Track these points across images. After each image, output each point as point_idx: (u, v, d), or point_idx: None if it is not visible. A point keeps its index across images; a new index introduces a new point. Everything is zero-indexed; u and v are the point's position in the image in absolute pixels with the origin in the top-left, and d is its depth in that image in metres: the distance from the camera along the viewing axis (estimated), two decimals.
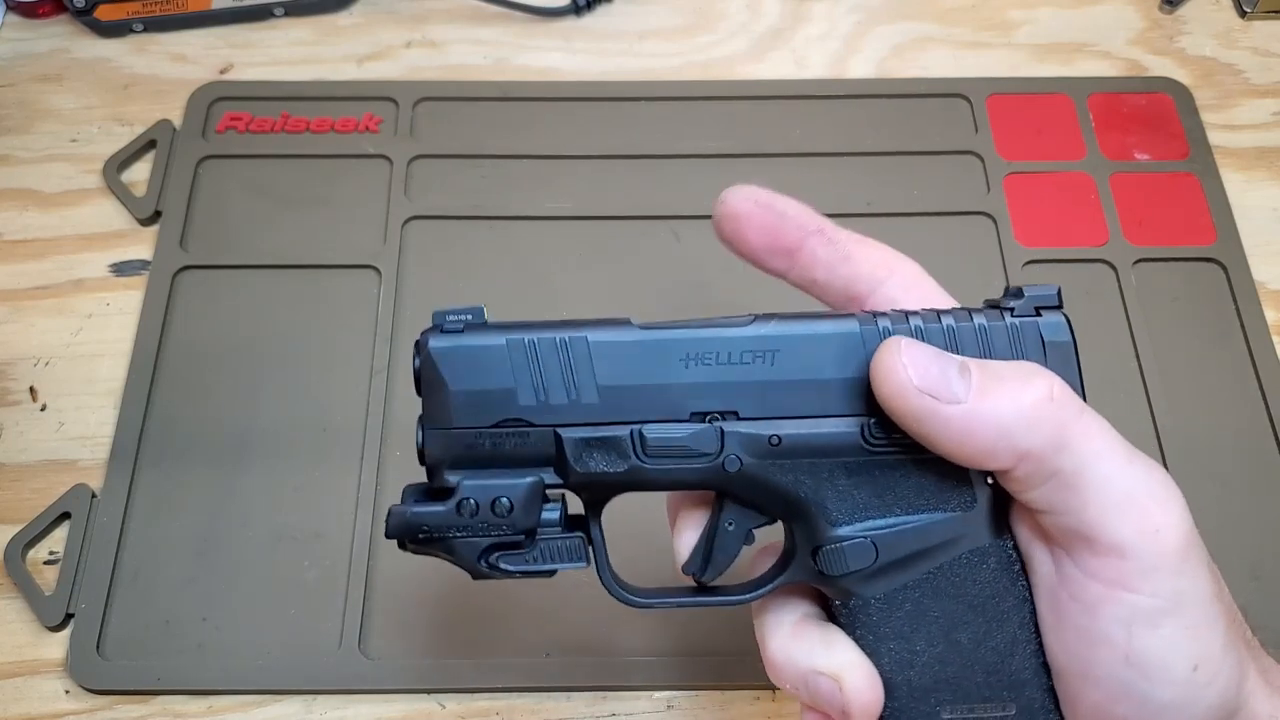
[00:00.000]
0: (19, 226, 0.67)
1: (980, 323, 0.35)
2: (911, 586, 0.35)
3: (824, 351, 0.35)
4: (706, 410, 0.35)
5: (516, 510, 0.35)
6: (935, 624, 0.35)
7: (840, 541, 0.35)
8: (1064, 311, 0.36)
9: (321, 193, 0.67)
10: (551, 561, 0.36)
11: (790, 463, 0.35)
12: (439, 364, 0.35)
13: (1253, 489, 0.57)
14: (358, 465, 0.57)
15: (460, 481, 0.35)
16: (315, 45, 0.74)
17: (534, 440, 0.35)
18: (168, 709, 0.52)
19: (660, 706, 0.52)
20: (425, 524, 0.35)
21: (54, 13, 0.75)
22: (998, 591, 0.35)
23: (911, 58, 0.74)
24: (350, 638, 0.53)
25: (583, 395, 0.35)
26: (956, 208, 0.67)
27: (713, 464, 0.35)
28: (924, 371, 0.32)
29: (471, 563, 0.36)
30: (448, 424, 0.35)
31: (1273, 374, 0.60)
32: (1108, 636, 0.32)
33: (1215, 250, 0.65)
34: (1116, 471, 0.32)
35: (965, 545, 0.35)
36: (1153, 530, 0.32)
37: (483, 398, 0.35)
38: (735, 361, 0.35)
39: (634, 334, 0.35)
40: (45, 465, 0.58)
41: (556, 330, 0.35)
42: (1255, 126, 0.71)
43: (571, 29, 0.76)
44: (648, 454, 0.35)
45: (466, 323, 0.36)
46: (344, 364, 0.61)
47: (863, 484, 0.35)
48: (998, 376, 0.33)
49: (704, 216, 0.66)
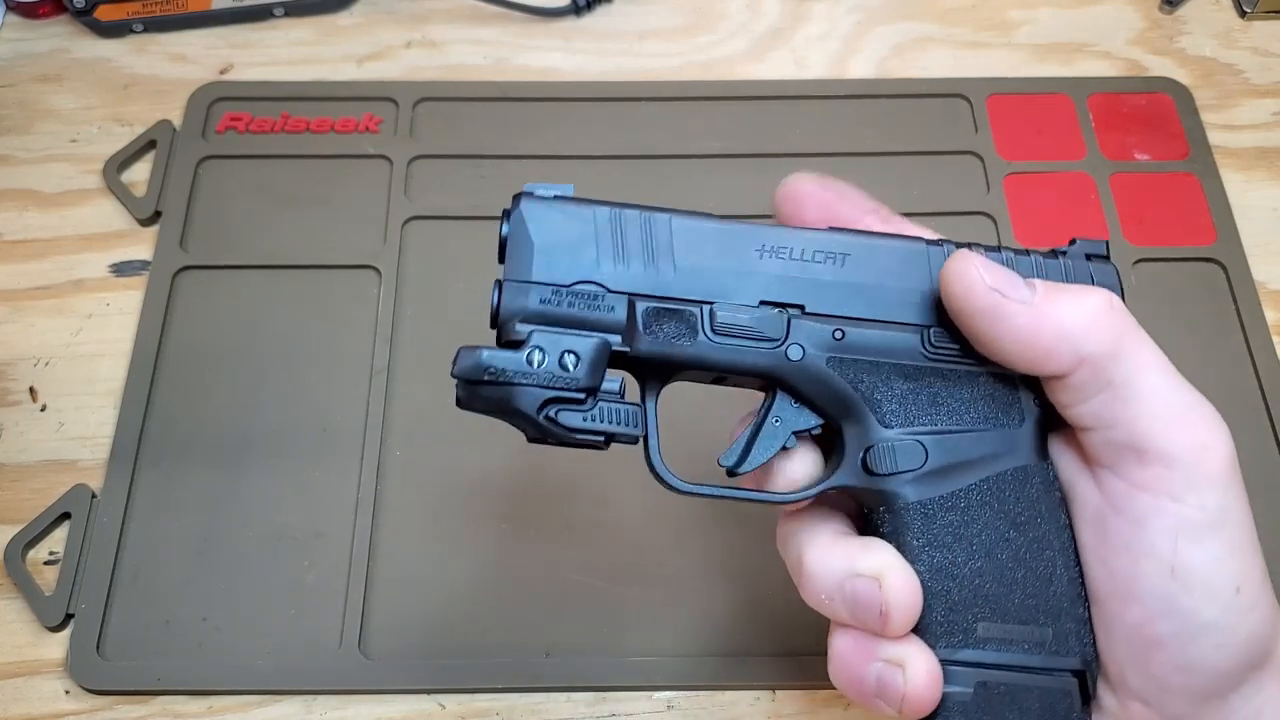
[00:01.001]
0: (19, 226, 0.67)
1: (1037, 258, 0.37)
2: (957, 495, 0.36)
3: (892, 260, 0.37)
4: (776, 300, 0.37)
5: (582, 365, 0.36)
6: (977, 538, 0.36)
7: (891, 442, 0.36)
8: (1113, 262, 0.38)
9: (321, 193, 0.67)
10: (609, 423, 0.36)
11: (851, 359, 0.37)
12: (528, 220, 0.36)
13: (1253, 489, 0.56)
14: (358, 465, 0.57)
15: (531, 332, 0.36)
16: (315, 45, 0.74)
17: (608, 304, 0.36)
18: (168, 709, 0.52)
19: (660, 706, 0.52)
20: (493, 366, 0.35)
21: (54, 13, 0.75)
22: (1039, 514, 0.36)
23: (911, 58, 0.74)
24: (350, 638, 0.53)
25: (660, 269, 0.37)
26: (956, 208, 0.67)
27: (775, 350, 0.37)
28: (994, 272, 0.34)
29: (531, 414, 0.36)
30: (527, 278, 0.36)
31: (1273, 374, 0.60)
32: (1153, 548, 0.33)
33: (1215, 250, 0.65)
34: (1169, 385, 0.34)
35: (1010, 462, 0.36)
36: (1202, 446, 0.33)
37: (565, 257, 0.36)
38: (807, 259, 0.37)
39: (714, 222, 0.38)
40: (45, 465, 0.58)
41: (642, 210, 0.37)
42: (1255, 126, 0.71)
43: (571, 29, 0.76)
44: (715, 330, 0.37)
45: (557, 195, 0.37)
46: (344, 364, 0.61)
47: (918, 389, 0.37)
48: (1060, 287, 0.35)
49: None
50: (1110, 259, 0.38)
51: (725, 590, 0.54)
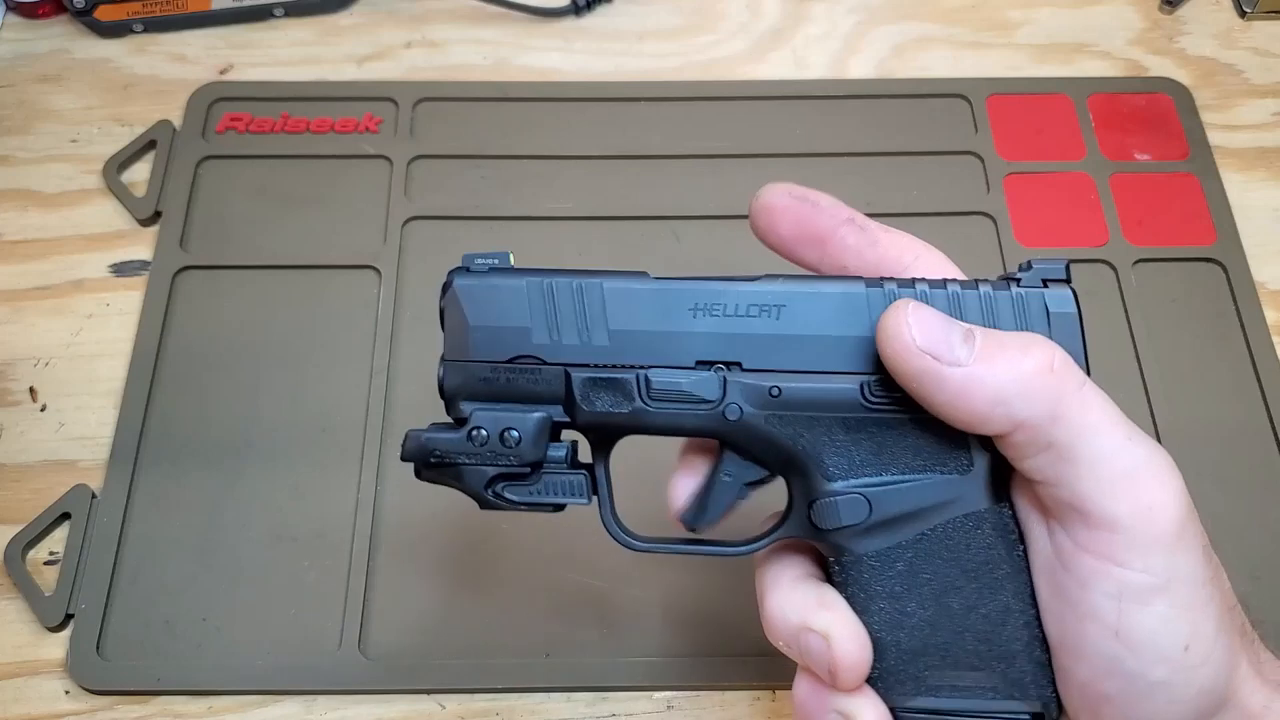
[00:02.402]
0: (19, 227, 0.67)
1: (985, 291, 0.36)
2: (904, 546, 0.36)
3: (829, 309, 0.36)
4: (711, 359, 0.36)
5: (524, 442, 0.37)
6: (927, 586, 0.35)
7: (834, 495, 0.36)
8: (1071, 285, 0.36)
9: (321, 193, 0.67)
10: (555, 495, 0.37)
11: (789, 415, 0.36)
12: (461, 300, 0.37)
13: (1253, 489, 0.57)
14: (358, 465, 0.57)
15: (473, 411, 0.37)
16: (315, 45, 0.74)
17: (545, 378, 0.37)
18: (168, 709, 0.52)
19: (660, 707, 0.52)
20: (437, 448, 0.37)
21: (54, 13, 0.75)
22: (992, 558, 0.35)
23: (911, 58, 0.74)
24: (350, 638, 0.53)
25: (594, 337, 0.36)
26: (956, 208, 0.67)
27: (714, 411, 0.36)
28: (927, 332, 0.33)
29: (478, 490, 0.37)
30: (465, 357, 0.37)
31: (1273, 374, 0.60)
32: (1097, 610, 0.32)
33: (1215, 250, 0.65)
34: (1113, 446, 0.32)
35: (960, 509, 0.35)
36: (1146, 507, 0.32)
37: (499, 334, 0.37)
38: (742, 314, 0.36)
39: (647, 283, 0.37)
40: (45, 465, 0.58)
41: (574, 277, 0.37)
42: (1255, 126, 0.71)
43: (571, 29, 0.76)
44: (651, 397, 0.36)
45: (492, 266, 0.37)
46: (344, 364, 0.61)
47: (860, 441, 0.36)
48: (1000, 343, 0.33)
49: (704, 216, 0.66)
50: (1069, 281, 0.36)
51: (725, 590, 0.54)
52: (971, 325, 0.34)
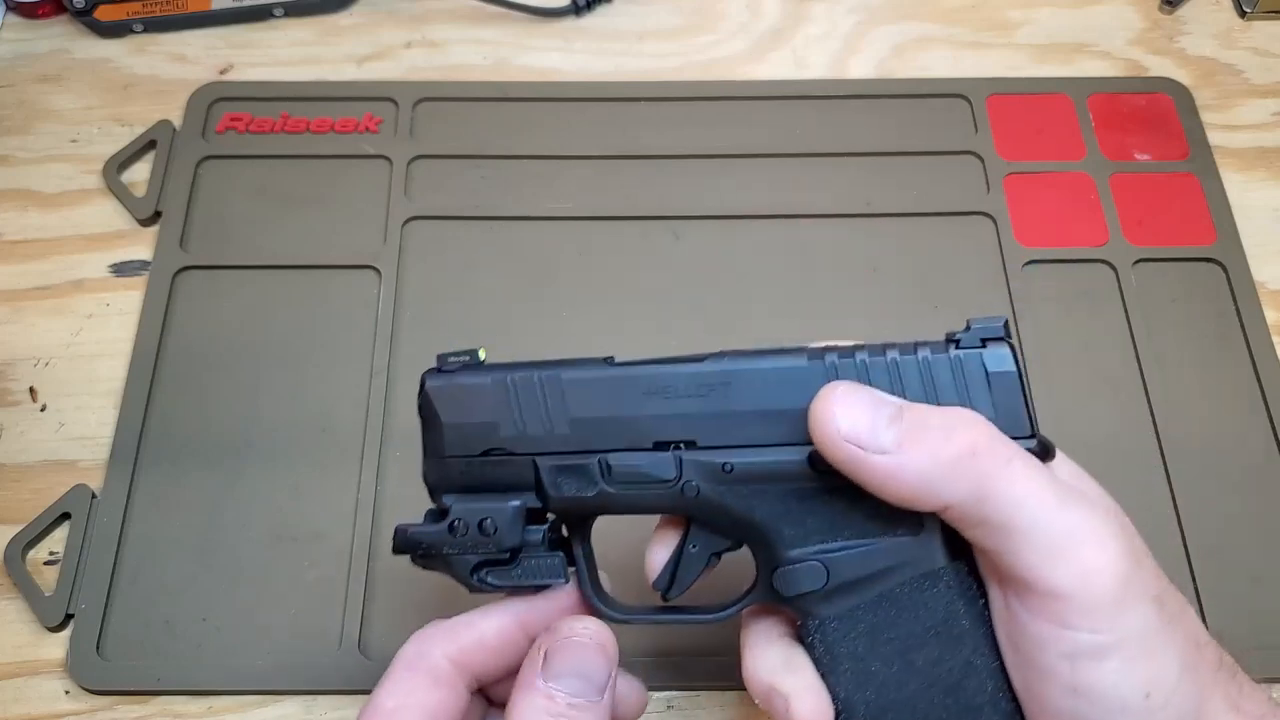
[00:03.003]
0: (19, 227, 0.67)
1: (924, 355, 0.36)
2: (865, 608, 0.37)
3: (773, 384, 0.37)
4: (668, 439, 0.38)
5: (501, 531, 0.39)
6: (890, 645, 0.36)
7: (793, 563, 0.37)
8: (1010, 341, 0.37)
9: (321, 193, 0.67)
10: (534, 578, 0.39)
11: (743, 488, 0.38)
12: (434, 400, 0.39)
13: (1253, 490, 0.57)
14: (358, 465, 0.57)
15: (453, 504, 0.39)
16: (315, 45, 0.74)
17: (516, 468, 0.39)
18: (168, 709, 0.52)
19: (660, 707, 0.52)
20: (423, 542, 0.39)
21: (54, 13, 0.75)
22: (951, 614, 0.36)
23: (911, 58, 0.74)
24: (350, 638, 0.53)
25: (556, 427, 0.39)
26: (956, 208, 0.67)
27: (672, 489, 0.38)
28: (853, 421, 0.34)
29: (465, 577, 0.39)
30: (442, 453, 0.39)
31: (1273, 374, 0.60)
32: (1054, 670, 0.33)
33: (1215, 250, 0.65)
34: (1046, 517, 0.33)
35: (916, 569, 0.36)
36: (1085, 573, 0.33)
37: (471, 430, 0.39)
38: (691, 394, 0.38)
39: (603, 370, 0.39)
40: (45, 465, 0.58)
41: (536, 370, 0.39)
42: (1255, 126, 0.71)
43: (571, 29, 0.76)
44: (614, 480, 0.38)
45: (463, 364, 0.40)
46: (344, 364, 0.61)
47: (813, 509, 0.37)
48: (924, 426, 0.34)
49: (704, 216, 0.66)
50: (1008, 338, 0.37)
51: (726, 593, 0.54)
52: (901, 404, 0.35)
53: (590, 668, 0.37)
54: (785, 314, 0.62)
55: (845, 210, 0.66)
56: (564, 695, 0.36)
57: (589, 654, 0.37)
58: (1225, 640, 0.37)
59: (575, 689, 0.36)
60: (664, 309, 0.63)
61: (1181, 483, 0.57)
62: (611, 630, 0.39)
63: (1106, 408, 0.60)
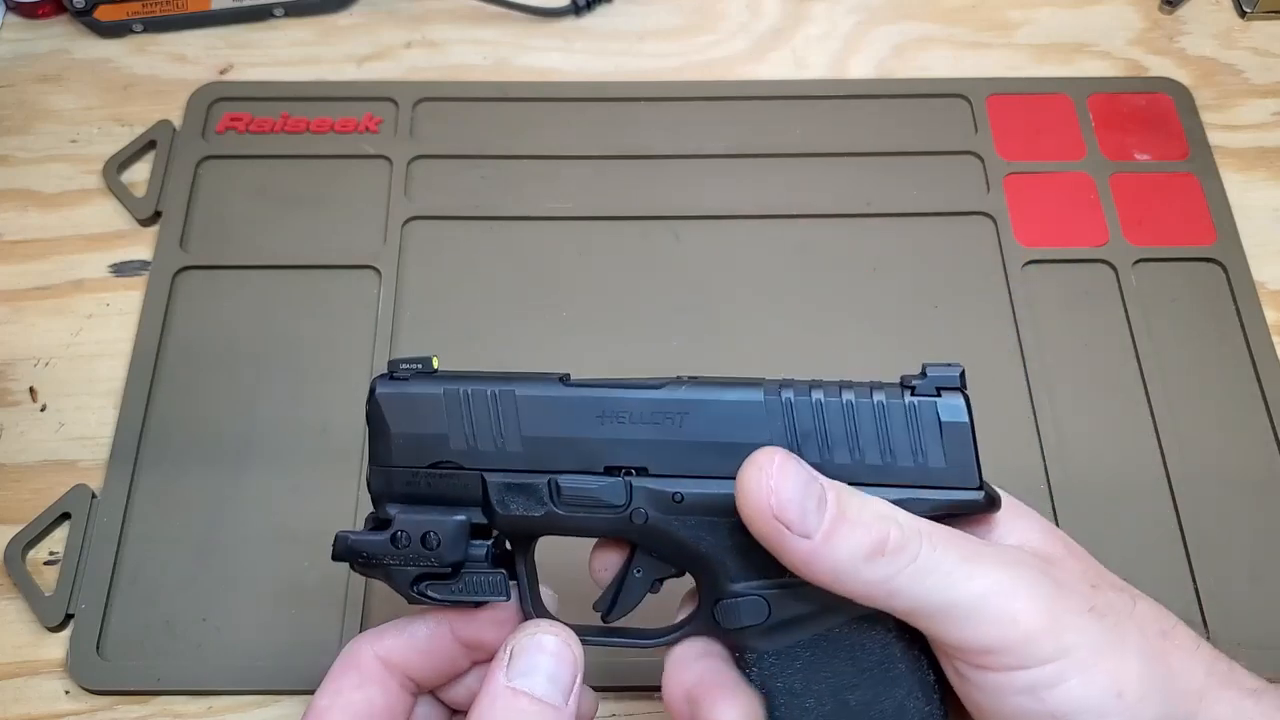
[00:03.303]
0: (19, 227, 0.67)
1: (879, 400, 0.36)
2: (804, 645, 0.37)
3: (729, 416, 0.37)
4: (619, 465, 0.37)
5: (444, 545, 0.38)
6: (825, 683, 0.36)
7: (736, 597, 0.37)
8: (965, 392, 0.37)
9: (321, 193, 0.67)
10: (475, 594, 0.39)
11: (692, 519, 0.37)
12: (383, 407, 0.38)
13: (1253, 489, 0.57)
14: (358, 465, 0.57)
15: (397, 515, 0.38)
16: (315, 45, 0.74)
17: (463, 482, 0.38)
18: (168, 709, 0.52)
19: (660, 707, 0.52)
20: (364, 551, 0.38)
21: (54, 13, 0.75)
22: (888, 657, 0.36)
23: (911, 58, 0.74)
24: (350, 638, 0.53)
25: (508, 444, 0.38)
26: (956, 208, 0.67)
27: (621, 515, 0.37)
28: (784, 500, 0.34)
29: (405, 589, 0.39)
30: (388, 462, 0.38)
31: (1273, 374, 0.60)
32: (1022, 708, 0.34)
33: (1215, 250, 0.65)
34: (956, 593, 0.33)
35: (856, 610, 0.36)
36: (1010, 622, 0.33)
37: (419, 441, 0.38)
38: (646, 421, 0.37)
39: (558, 390, 0.38)
40: (45, 465, 0.58)
41: (490, 383, 0.38)
42: (1255, 126, 0.71)
43: (571, 29, 0.76)
44: (562, 502, 0.38)
45: (415, 371, 0.39)
46: (344, 364, 0.61)
47: (758, 544, 0.36)
48: (845, 519, 0.34)
49: (704, 216, 0.66)
50: (963, 388, 0.37)
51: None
52: (826, 486, 0.34)
53: (556, 669, 0.37)
54: (785, 314, 0.62)
55: (845, 210, 0.66)
56: (528, 695, 0.36)
57: (555, 656, 0.37)
58: (1225, 640, 0.38)
59: (540, 689, 0.36)
60: (664, 309, 0.63)
61: (1181, 482, 0.57)
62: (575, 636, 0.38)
63: (1106, 408, 0.60)
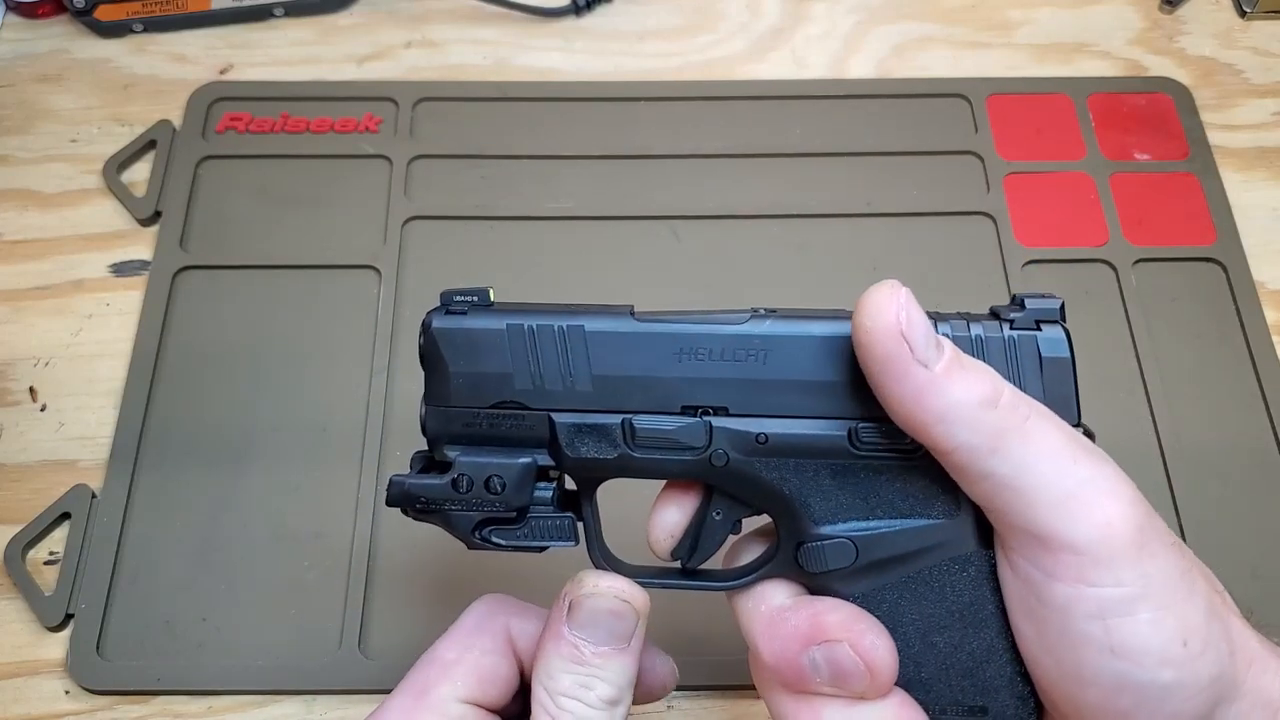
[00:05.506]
0: (19, 226, 0.67)
1: (977, 333, 0.35)
2: (890, 588, 0.36)
3: (817, 353, 0.35)
4: (697, 404, 0.36)
5: (509, 489, 0.36)
6: (912, 625, 0.36)
7: (821, 540, 0.35)
8: (1064, 326, 0.35)
9: (321, 193, 0.67)
10: (541, 539, 0.37)
11: (776, 461, 0.35)
12: (440, 344, 0.36)
13: (1253, 488, 0.57)
14: (358, 465, 0.57)
15: (457, 458, 0.36)
16: (315, 45, 0.74)
17: (529, 423, 0.36)
18: (168, 709, 0.52)
19: (660, 706, 0.52)
20: (422, 495, 0.37)
21: (54, 13, 0.75)
22: (977, 599, 0.35)
23: (911, 58, 0.74)
24: (350, 638, 0.53)
25: (577, 382, 0.36)
26: (956, 208, 0.67)
27: (699, 457, 0.36)
28: (912, 323, 0.32)
29: (466, 534, 0.37)
30: (447, 402, 0.36)
31: (1273, 374, 0.60)
32: (1086, 635, 0.32)
33: (1215, 250, 0.65)
34: (1058, 470, 0.32)
35: (947, 552, 0.35)
36: (1103, 523, 0.32)
37: (481, 379, 0.36)
38: (727, 358, 0.35)
39: (630, 325, 0.36)
40: (45, 465, 0.58)
41: (556, 317, 0.36)
42: (1255, 126, 0.71)
43: (571, 29, 0.76)
44: (636, 444, 0.36)
45: (471, 304, 0.37)
46: (344, 364, 0.61)
47: (847, 486, 0.35)
48: (960, 365, 0.33)
49: (704, 216, 0.66)
50: (1063, 321, 0.35)
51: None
52: (943, 339, 0.33)
53: (614, 619, 0.36)
54: None
55: (845, 210, 0.66)
56: (589, 645, 0.36)
57: (613, 605, 0.36)
58: None
59: (599, 639, 0.36)
60: (664, 309, 0.63)
61: (1181, 481, 0.57)
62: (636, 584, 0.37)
63: (1106, 407, 0.60)
